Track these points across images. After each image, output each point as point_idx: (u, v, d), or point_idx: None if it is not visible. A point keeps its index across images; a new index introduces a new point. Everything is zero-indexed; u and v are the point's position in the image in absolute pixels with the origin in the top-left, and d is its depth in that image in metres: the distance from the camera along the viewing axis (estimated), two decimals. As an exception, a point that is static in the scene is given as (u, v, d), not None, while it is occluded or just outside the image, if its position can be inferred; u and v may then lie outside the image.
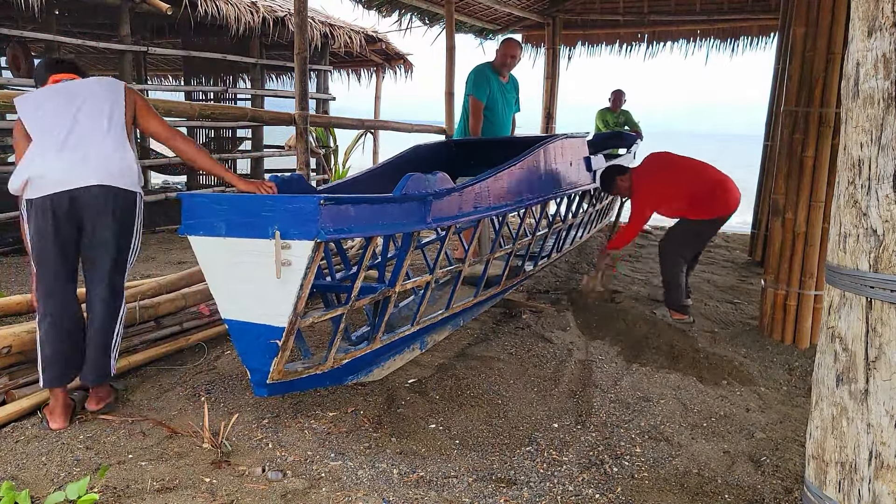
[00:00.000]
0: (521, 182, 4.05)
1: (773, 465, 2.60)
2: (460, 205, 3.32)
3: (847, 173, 1.53)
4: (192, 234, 2.57)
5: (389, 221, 2.80)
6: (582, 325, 4.24)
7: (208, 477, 2.34)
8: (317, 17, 9.63)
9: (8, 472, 2.38)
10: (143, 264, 5.71)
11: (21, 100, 2.81)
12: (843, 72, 1.59)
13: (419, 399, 3.03)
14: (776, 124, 5.59)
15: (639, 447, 2.72)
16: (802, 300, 3.92)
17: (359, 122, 7.40)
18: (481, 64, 5.73)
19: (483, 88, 5.57)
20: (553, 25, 9.54)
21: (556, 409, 3.04)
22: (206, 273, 2.64)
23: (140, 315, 3.44)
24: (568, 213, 5.16)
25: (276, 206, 2.42)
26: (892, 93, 1.42)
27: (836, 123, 3.72)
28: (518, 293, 4.91)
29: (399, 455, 2.57)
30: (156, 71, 14.17)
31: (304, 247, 2.38)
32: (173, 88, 12.87)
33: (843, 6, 3.62)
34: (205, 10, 7.75)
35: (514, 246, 4.27)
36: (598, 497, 2.34)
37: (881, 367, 1.45)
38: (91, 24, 9.38)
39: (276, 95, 10.69)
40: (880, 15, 1.43)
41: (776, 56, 6.27)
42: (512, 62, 5.68)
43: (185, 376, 3.25)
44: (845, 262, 1.53)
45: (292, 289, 2.44)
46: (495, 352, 3.70)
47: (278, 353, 2.57)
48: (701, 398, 3.23)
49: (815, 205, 3.83)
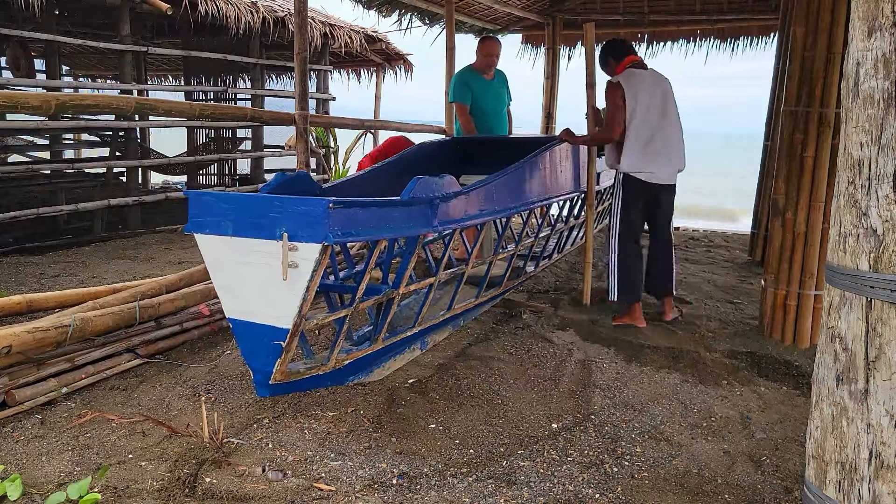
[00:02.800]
0: (526, 185, 4.06)
1: (773, 465, 2.60)
2: (466, 208, 3.32)
3: (847, 173, 1.53)
4: (198, 231, 2.58)
5: (396, 224, 2.79)
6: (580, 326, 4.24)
7: (208, 477, 2.34)
8: (317, 17, 9.63)
9: (8, 472, 2.38)
10: (144, 264, 5.72)
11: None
12: (843, 72, 1.59)
13: (419, 399, 3.03)
14: (776, 124, 5.59)
15: (639, 447, 2.72)
16: (802, 300, 3.92)
17: (359, 122, 7.40)
18: (461, 69, 5.77)
19: (464, 92, 5.60)
20: (553, 25, 9.54)
21: (556, 409, 3.04)
22: (212, 272, 2.64)
23: (140, 315, 3.43)
24: (570, 215, 5.17)
25: (285, 207, 2.42)
26: (892, 93, 1.42)
27: (836, 123, 3.73)
28: (518, 293, 4.92)
29: (399, 455, 2.57)
30: (156, 71, 14.18)
31: (311, 249, 2.38)
32: (173, 88, 12.87)
33: (843, 6, 3.62)
34: (205, 10, 7.75)
35: (517, 247, 4.27)
36: (598, 497, 2.34)
37: (881, 367, 1.46)
38: (91, 24, 9.38)
39: (276, 95, 10.70)
40: (880, 15, 1.43)
41: (776, 56, 6.26)
42: (492, 60, 5.68)
43: (185, 376, 3.25)
44: (845, 262, 1.53)
45: (298, 291, 2.44)
46: (495, 352, 3.70)
47: (281, 354, 2.58)
48: (701, 398, 3.23)
49: (815, 205, 3.83)
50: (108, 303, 3.52)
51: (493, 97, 5.76)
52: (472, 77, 5.66)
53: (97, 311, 3.30)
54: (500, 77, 5.88)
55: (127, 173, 8.50)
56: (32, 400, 2.86)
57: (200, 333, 3.77)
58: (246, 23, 8.29)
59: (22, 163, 9.42)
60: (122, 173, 9.17)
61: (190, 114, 5.02)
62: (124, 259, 5.98)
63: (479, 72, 5.68)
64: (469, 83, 5.63)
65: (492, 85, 5.77)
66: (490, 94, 5.73)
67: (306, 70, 4.96)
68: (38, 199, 7.71)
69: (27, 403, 2.83)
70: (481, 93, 5.66)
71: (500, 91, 5.85)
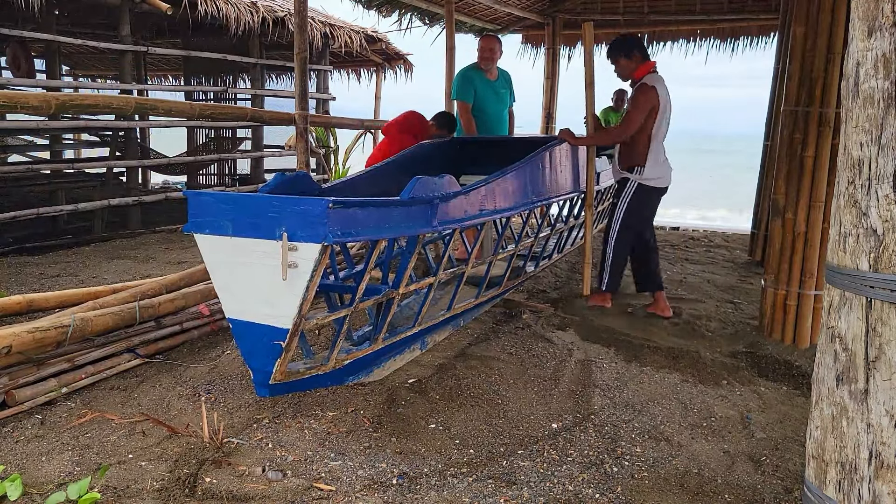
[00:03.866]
0: (526, 185, 4.06)
1: (773, 465, 2.60)
2: (466, 208, 3.32)
3: (847, 173, 1.53)
4: (197, 231, 2.57)
5: (396, 224, 2.79)
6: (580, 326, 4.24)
7: (209, 477, 2.34)
8: (317, 17, 9.63)
9: (8, 472, 2.38)
10: (144, 264, 5.71)
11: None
12: (843, 72, 1.59)
13: (419, 399, 3.03)
14: (776, 124, 5.59)
15: (639, 447, 2.72)
16: (802, 300, 3.92)
17: (359, 122, 7.41)
18: (464, 67, 5.75)
19: (467, 90, 5.59)
20: (553, 25, 9.54)
21: (556, 409, 3.04)
22: (211, 272, 2.64)
23: (140, 315, 3.43)
24: (570, 215, 5.17)
25: (284, 207, 2.42)
26: (892, 93, 1.42)
27: (836, 123, 3.72)
28: (518, 293, 4.92)
29: (399, 455, 2.57)
30: (156, 71, 14.18)
31: (311, 249, 2.38)
32: (173, 88, 12.87)
33: (843, 6, 3.62)
34: (205, 10, 7.75)
35: (517, 247, 4.27)
36: (598, 497, 2.34)
37: (881, 367, 1.45)
38: (91, 23, 9.39)
39: (276, 95, 10.70)
40: (880, 15, 1.43)
41: (776, 56, 6.26)
42: (491, 55, 5.65)
43: (185, 376, 3.25)
44: (845, 262, 1.53)
45: (298, 291, 2.44)
46: (495, 352, 3.69)
47: (281, 355, 2.57)
48: (701, 398, 3.23)
49: (815, 205, 3.83)
50: (108, 303, 3.52)
51: (495, 98, 5.75)
52: (475, 75, 5.65)
53: (97, 311, 3.29)
54: (503, 77, 5.86)
55: (127, 173, 8.50)
56: (32, 400, 2.86)
57: (200, 333, 3.77)
58: (246, 23, 8.29)
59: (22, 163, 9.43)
60: (122, 173, 9.17)
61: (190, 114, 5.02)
62: (124, 259, 5.98)
63: (482, 70, 5.67)
64: (472, 81, 5.62)
65: (494, 85, 5.76)
66: (492, 95, 5.71)
67: (306, 70, 4.97)
68: (38, 199, 7.71)
69: (27, 403, 2.83)
70: (483, 92, 5.65)
71: (502, 92, 5.84)
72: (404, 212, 2.82)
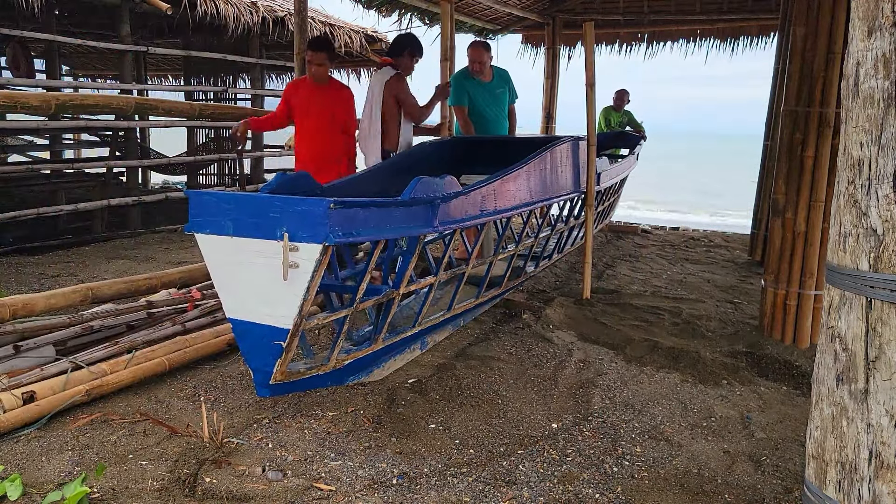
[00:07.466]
0: (526, 185, 4.06)
1: (773, 465, 2.61)
2: (466, 208, 3.32)
3: (847, 173, 1.53)
4: (198, 231, 2.57)
5: (397, 225, 2.79)
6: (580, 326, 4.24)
7: (208, 477, 2.34)
8: (317, 17, 9.62)
9: (8, 472, 2.38)
10: (144, 264, 5.71)
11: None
12: (843, 72, 1.59)
13: (419, 399, 3.03)
14: (776, 124, 5.59)
15: (639, 447, 2.72)
16: (802, 300, 3.92)
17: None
18: (457, 72, 5.74)
19: (460, 94, 5.59)
20: (553, 25, 9.53)
21: (556, 409, 3.04)
22: (212, 271, 2.64)
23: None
24: (570, 215, 5.17)
25: (285, 207, 2.42)
26: (892, 93, 1.42)
27: (836, 123, 3.73)
28: (518, 293, 4.91)
29: (399, 455, 2.57)
30: (156, 71, 14.16)
31: (312, 250, 2.38)
32: (173, 88, 12.86)
33: (843, 6, 3.62)
34: (204, 10, 7.74)
35: (518, 247, 4.27)
36: (598, 497, 2.34)
37: (881, 367, 1.46)
38: (91, 23, 9.37)
39: (276, 95, 10.66)
40: (880, 15, 1.43)
41: (776, 56, 6.26)
42: (481, 68, 5.65)
43: (185, 376, 3.25)
44: (845, 262, 1.53)
45: (298, 291, 2.44)
46: (495, 352, 3.70)
47: (282, 355, 2.57)
48: (701, 398, 3.23)
49: (815, 205, 3.83)
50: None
51: (491, 100, 5.73)
52: (467, 81, 5.64)
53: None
54: (500, 77, 5.83)
55: (127, 173, 8.49)
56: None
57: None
58: (245, 23, 8.28)
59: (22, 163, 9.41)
60: (122, 173, 9.17)
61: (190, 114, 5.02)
62: (124, 259, 5.98)
63: (474, 74, 5.66)
64: (465, 86, 5.61)
65: (489, 87, 5.73)
66: (487, 98, 5.69)
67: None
68: (38, 199, 7.70)
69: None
70: (478, 96, 5.64)
71: (498, 93, 5.81)
72: (405, 212, 2.82)
